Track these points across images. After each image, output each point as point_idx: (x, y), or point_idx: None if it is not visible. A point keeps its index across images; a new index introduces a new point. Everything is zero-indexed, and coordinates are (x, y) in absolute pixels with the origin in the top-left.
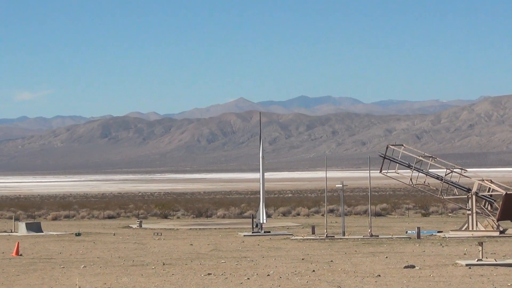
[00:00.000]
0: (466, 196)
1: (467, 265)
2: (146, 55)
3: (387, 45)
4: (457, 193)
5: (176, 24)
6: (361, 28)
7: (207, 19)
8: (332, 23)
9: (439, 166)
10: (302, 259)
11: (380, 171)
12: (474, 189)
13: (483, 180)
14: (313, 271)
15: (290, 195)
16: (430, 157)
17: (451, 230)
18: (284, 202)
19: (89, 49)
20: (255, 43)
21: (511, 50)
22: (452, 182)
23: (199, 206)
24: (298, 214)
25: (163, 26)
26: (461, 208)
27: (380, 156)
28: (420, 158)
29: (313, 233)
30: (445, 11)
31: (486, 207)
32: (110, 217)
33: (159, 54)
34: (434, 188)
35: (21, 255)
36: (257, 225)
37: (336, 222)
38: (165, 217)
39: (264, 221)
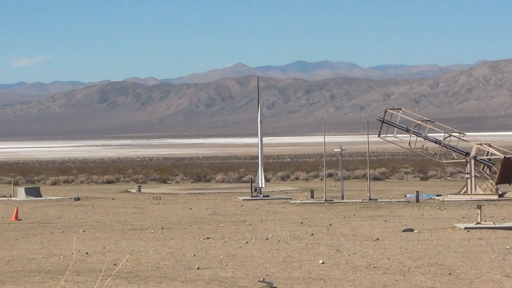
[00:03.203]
0: (464, 160)
1: (465, 228)
2: (144, 20)
3: (385, 9)
4: (455, 157)
5: None
6: None
7: None
8: None
9: (438, 130)
10: (301, 223)
11: (379, 135)
12: (472, 153)
13: (481, 144)
14: (312, 234)
15: (288, 159)
16: (428, 121)
17: (450, 194)
18: (282, 167)
19: (87, 15)
20: (252, 8)
21: (510, 15)
22: (450, 146)
23: (198, 171)
24: (297, 179)
25: None
26: (459, 172)
27: (379, 120)
28: (419, 122)
29: (312, 197)
30: None
31: (484, 170)
32: (109, 182)
33: (157, 19)
34: (433, 152)
35: (20, 219)
36: (255, 189)
37: (335, 186)
38: (164, 181)
39: (263, 186)
